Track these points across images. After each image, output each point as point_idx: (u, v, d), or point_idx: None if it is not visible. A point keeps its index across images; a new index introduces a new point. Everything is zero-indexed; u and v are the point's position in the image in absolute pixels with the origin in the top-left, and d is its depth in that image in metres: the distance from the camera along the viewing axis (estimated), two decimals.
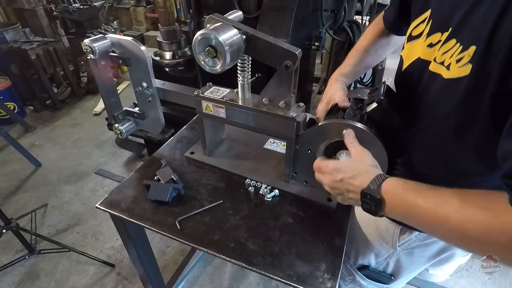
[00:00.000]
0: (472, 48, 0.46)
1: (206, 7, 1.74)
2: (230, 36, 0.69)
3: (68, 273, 1.67)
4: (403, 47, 0.68)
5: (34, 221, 1.85)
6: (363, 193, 0.57)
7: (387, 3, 2.12)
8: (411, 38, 0.65)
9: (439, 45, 0.54)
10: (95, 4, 3.36)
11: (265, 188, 0.90)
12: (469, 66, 0.47)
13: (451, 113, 0.53)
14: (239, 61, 0.79)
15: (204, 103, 0.89)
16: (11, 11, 3.73)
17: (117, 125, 0.99)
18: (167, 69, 2.21)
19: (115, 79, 3.54)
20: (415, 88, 0.62)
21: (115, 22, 4.88)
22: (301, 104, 0.82)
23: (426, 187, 0.52)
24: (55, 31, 3.63)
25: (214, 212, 0.84)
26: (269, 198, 0.87)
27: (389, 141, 0.69)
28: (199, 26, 1.73)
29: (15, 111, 2.99)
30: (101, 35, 0.85)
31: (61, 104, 3.27)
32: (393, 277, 0.86)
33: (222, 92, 0.89)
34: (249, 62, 0.80)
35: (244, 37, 0.72)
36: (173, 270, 1.58)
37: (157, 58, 2.24)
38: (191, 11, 1.83)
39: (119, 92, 3.23)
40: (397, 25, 0.80)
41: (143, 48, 0.85)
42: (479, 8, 0.47)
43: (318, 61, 3.04)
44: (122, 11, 5.29)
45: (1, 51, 2.92)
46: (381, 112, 0.67)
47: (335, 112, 0.77)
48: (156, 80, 0.93)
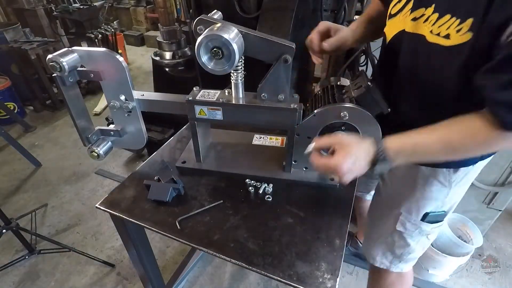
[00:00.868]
0: (469, 20, 0.57)
1: (206, 7, 1.74)
2: (234, 35, 0.70)
3: (68, 273, 1.67)
4: (386, 25, 0.80)
5: (34, 221, 1.85)
6: (375, 165, 0.67)
7: None
8: (390, 16, 0.77)
9: (424, 18, 0.66)
10: (95, 4, 3.37)
11: (266, 187, 0.90)
12: (469, 34, 0.58)
13: (453, 74, 0.64)
14: None
15: (197, 108, 0.86)
16: (11, 11, 3.74)
17: (94, 148, 0.89)
18: (167, 69, 2.21)
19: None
20: (404, 54, 0.73)
21: (115, 22, 4.90)
22: (295, 95, 0.85)
23: (418, 131, 0.66)
24: (55, 31, 3.63)
25: (214, 212, 0.84)
26: (269, 197, 0.88)
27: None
28: None
29: (15, 111, 2.99)
30: (67, 49, 0.76)
31: (61, 104, 3.26)
32: (446, 213, 0.93)
33: (214, 94, 0.87)
34: (242, 60, 0.80)
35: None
36: (173, 270, 1.58)
37: (157, 58, 2.24)
38: (191, 11, 1.83)
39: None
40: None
41: (120, 58, 0.78)
42: None
43: None
44: (122, 11, 5.29)
45: (1, 51, 2.92)
46: (369, 96, 0.75)
47: (324, 97, 0.84)
48: (134, 91, 0.85)
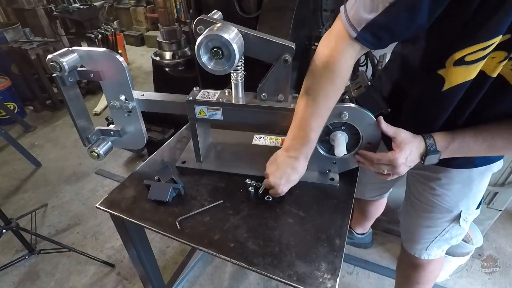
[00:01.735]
0: None
1: (206, 7, 1.74)
2: (235, 35, 0.70)
3: (68, 273, 1.67)
4: (443, 66, 0.67)
5: (34, 221, 1.85)
6: (426, 156, 0.73)
7: None
8: (462, 63, 0.63)
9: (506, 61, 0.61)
10: (95, 4, 3.36)
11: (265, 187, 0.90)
12: None
13: None
14: None
15: (197, 108, 0.86)
16: (11, 11, 3.74)
17: (94, 148, 0.89)
18: (167, 69, 2.21)
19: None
20: (470, 101, 0.69)
21: (115, 22, 4.89)
22: (296, 94, 0.84)
23: (464, 132, 0.71)
24: (55, 31, 3.63)
25: (214, 212, 0.84)
26: (269, 197, 0.88)
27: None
28: None
29: (15, 111, 2.99)
30: (67, 49, 0.76)
31: (61, 104, 3.26)
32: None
33: (213, 94, 0.87)
34: (242, 60, 0.80)
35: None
36: (173, 270, 1.58)
37: (157, 58, 2.24)
38: (191, 11, 1.83)
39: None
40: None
41: (120, 58, 0.78)
42: None
43: None
44: (122, 11, 5.29)
45: (1, 51, 2.92)
46: (368, 96, 0.76)
47: None
48: (134, 91, 0.85)
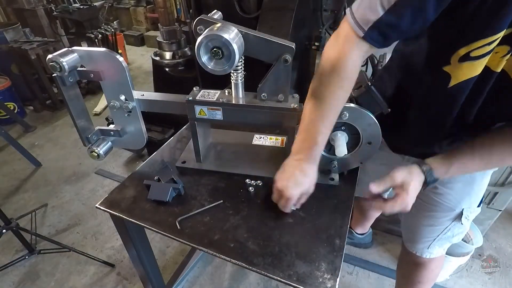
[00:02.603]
0: None
1: (206, 7, 1.74)
2: (235, 35, 0.70)
3: (68, 273, 1.67)
4: (448, 63, 0.66)
5: (34, 221, 1.85)
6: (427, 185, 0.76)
7: None
8: (468, 59, 0.63)
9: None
10: (95, 4, 3.36)
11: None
12: None
13: None
14: None
15: (197, 108, 0.86)
16: (11, 11, 3.74)
17: (94, 148, 0.89)
18: (167, 69, 2.21)
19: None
20: (478, 96, 0.68)
21: (115, 22, 4.89)
22: (295, 95, 0.85)
23: (459, 153, 0.74)
24: (55, 31, 3.63)
25: (214, 212, 0.84)
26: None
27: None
28: None
29: (15, 111, 2.99)
30: (67, 49, 0.76)
31: (61, 104, 3.26)
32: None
33: (213, 94, 0.87)
34: (242, 60, 0.80)
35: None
36: (173, 270, 1.58)
37: (157, 58, 2.24)
38: (191, 11, 1.84)
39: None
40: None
41: (120, 58, 0.78)
42: None
43: (318, 61, 3.04)
44: (122, 11, 5.29)
45: (1, 51, 2.92)
46: (369, 96, 0.76)
47: None
48: (134, 91, 0.85)
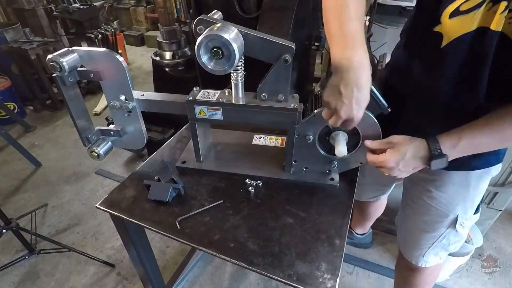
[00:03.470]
0: None
1: (206, 7, 1.74)
2: (235, 35, 0.70)
3: (68, 273, 1.67)
4: (439, 23, 0.66)
5: (34, 221, 1.85)
6: (431, 160, 0.68)
7: (387, 3, 2.12)
8: (458, 13, 0.63)
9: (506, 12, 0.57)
10: (95, 4, 3.36)
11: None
12: None
13: None
14: None
15: (197, 108, 0.86)
16: (11, 11, 3.73)
17: (94, 148, 0.89)
18: (167, 69, 2.21)
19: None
20: (476, 57, 0.64)
21: (115, 22, 4.89)
22: (295, 95, 0.85)
23: (470, 128, 0.67)
24: (55, 31, 3.63)
25: (214, 212, 0.84)
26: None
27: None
28: None
29: (15, 111, 2.99)
30: (67, 49, 0.76)
31: (61, 104, 3.26)
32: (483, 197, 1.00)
33: (213, 94, 0.87)
34: (242, 60, 0.80)
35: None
36: (173, 270, 1.58)
37: (157, 58, 2.24)
38: (191, 11, 1.83)
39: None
40: None
41: (120, 58, 0.78)
42: None
43: (318, 61, 3.04)
44: (122, 11, 5.29)
45: (1, 51, 2.92)
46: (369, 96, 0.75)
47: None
48: (134, 91, 0.85)
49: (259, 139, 1.11)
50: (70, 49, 0.76)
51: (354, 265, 1.68)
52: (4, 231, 1.55)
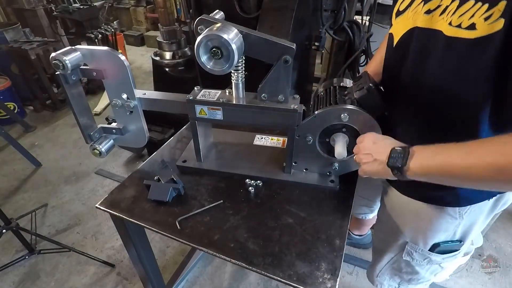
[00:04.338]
0: (502, 3, 0.47)
1: (206, 7, 1.75)
2: (234, 35, 0.70)
3: (68, 273, 1.67)
4: (391, 25, 0.75)
5: (34, 221, 1.85)
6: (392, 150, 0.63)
7: (387, 3, 2.12)
8: (399, 13, 0.70)
9: (440, 10, 0.56)
10: (95, 4, 3.36)
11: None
12: (502, 20, 0.48)
13: (479, 76, 0.54)
14: None
15: (198, 108, 0.86)
16: (11, 11, 3.73)
17: (96, 146, 0.91)
18: (167, 69, 2.22)
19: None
20: (414, 56, 0.65)
21: (115, 22, 4.89)
22: (296, 95, 0.85)
23: (446, 145, 0.56)
24: (55, 31, 3.62)
25: (214, 212, 0.84)
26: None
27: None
28: None
29: (15, 111, 2.99)
30: (70, 47, 0.76)
31: (61, 104, 3.26)
32: (461, 242, 0.84)
33: (214, 94, 0.87)
34: (242, 61, 0.80)
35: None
36: (173, 270, 1.58)
37: (157, 58, 2.25)
38: (191, 11, 1.84)
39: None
40: None
41: (122, 57, 0.79)
42: None
43: (318, 61, 3.04)
44: (122, 11, 5.29)
45: (1, 51, 2.92)
46: (370, 97, 0.75)
47: (326, 98, 0.84)
48: (136, 90, 0.86)
49: (261, 140, 1.11)
50: (73, 47, 0.77)
51: (354, 265, 1.68)
52: (4, 231, 1.55)
